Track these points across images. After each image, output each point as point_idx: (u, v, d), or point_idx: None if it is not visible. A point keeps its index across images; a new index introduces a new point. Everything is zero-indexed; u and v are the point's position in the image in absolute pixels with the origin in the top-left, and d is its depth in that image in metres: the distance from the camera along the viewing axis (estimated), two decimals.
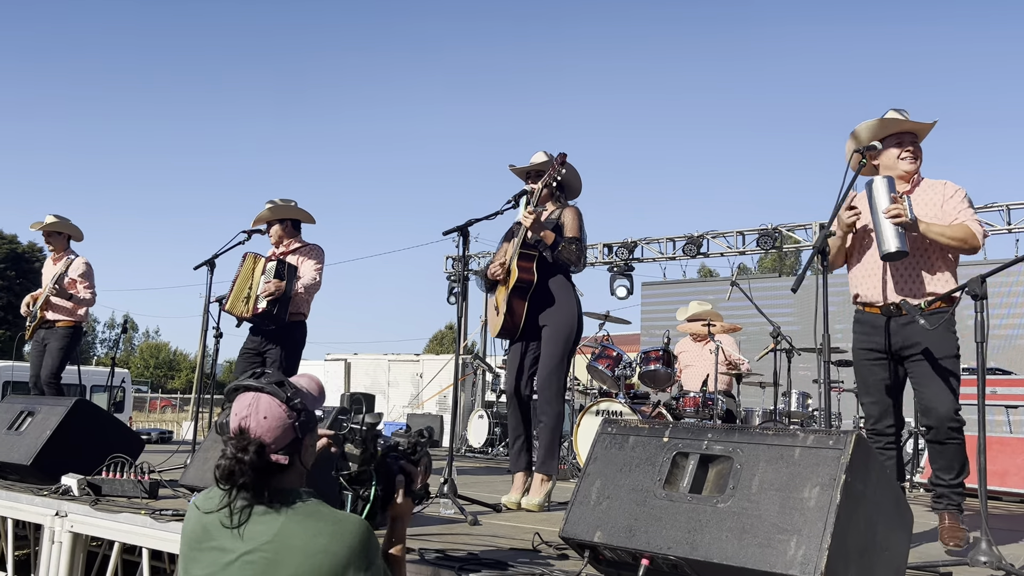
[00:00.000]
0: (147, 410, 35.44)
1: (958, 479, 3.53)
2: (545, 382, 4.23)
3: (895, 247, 3.41)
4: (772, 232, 11.98)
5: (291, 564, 1.74)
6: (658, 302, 12.85)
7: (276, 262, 5.23)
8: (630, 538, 2.34)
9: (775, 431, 2.32)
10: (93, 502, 3.75)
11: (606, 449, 2.60)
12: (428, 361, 16.54)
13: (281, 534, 1.76)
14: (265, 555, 1.75)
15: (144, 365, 57.75)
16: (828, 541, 2.02)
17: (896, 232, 3.43)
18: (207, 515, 1.82)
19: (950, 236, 3.49)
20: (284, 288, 5.16)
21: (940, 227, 3.52)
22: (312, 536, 1.76)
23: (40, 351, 6.46)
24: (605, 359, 7.04)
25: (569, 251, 4.25)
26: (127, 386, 19.00)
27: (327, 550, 1.75)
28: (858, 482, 2.15)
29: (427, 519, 3.73)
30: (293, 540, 1.76)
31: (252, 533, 1.77)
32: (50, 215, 6.63)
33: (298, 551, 1.75)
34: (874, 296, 3.67)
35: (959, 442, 3.48)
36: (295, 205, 5.62)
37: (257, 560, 1.75)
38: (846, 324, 10.78)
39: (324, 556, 1.75)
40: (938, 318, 3.42)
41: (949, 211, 3.58)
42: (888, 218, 3.43)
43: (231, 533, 1.77)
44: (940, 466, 3.55)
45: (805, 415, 7.41)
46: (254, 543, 1.76)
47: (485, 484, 5.76)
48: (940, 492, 3.57)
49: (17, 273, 39.39)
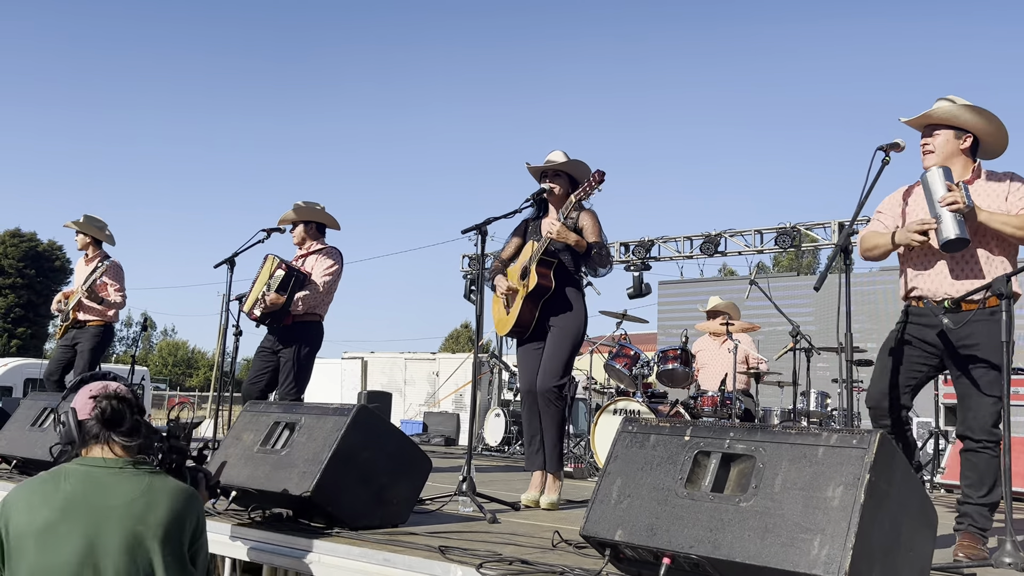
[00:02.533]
0: (166, 408, 35.76)
1: (987, 497, 3.29)
2: (546, 382, 4.26)
3: (955, 234, 3.27)
4: (790, 231, 11.91)
5: (162, 506, 2.19)
6: (675, 301, 12.81)
7: (285, 273, 5.24)
8: (651, 537, 2.33)
9: (798, 430, 2.31)
10: None
11: (627, 448, 2.59)
12: (444, 360, 16.56)
13: (152, 487, 2.22)
14: (145, 498, 2.18)
15: (162, 363, 58.18)
16: (852, 540, 2.01)
17: (955, 219, 3.28)
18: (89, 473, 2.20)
19: (1016, 226, 3.31)
20: (281, 303, 5.20)
21: (1003, 216, 3.33)
22: (173, 489, 2.26)
23: (67, 350, 6.54)
24: (623, 358, 7.03)
25: (601, 257, 4.32)
26: (146, 384, 19.19)
27: (186, 501, 2.25)
28: (882, 481, 2.13)
29: (447, 517, 3.74)
30: (162, 489, 2.23)
31: (130, 484, 2.19)
32: (82, 217, 6.72)
33: (167, 496, 2.22)
34: (934, 290, 3.46)
35: (992, 454, 3.28)
36: (321, 209, 5.66)
37: (137, 503, 2.17)
38: (863, 324, 10.64)
39: (183, 503, 2.24)
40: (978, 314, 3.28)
41: (1014, 202, 3.39)
42: (944, 206, 3.29)
43: (111, 482, 2.18)
44: (970, 480, 3.32)
45: (824, 415, 7.36)
46: (134, 492, 2.18)
47: (503, 482, 5.77)
48: (966, 511, 3.33)
49: (37, 271, 39.82)
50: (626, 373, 6.96)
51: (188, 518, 2.23)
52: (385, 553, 2.83)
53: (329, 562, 2.96)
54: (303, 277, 5.34)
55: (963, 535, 3.30)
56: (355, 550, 2.91)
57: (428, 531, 3.28)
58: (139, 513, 2.14)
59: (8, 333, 38.75)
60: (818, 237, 11.95)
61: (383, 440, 3.49)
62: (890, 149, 3.47)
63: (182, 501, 2.24)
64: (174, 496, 2.22)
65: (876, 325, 10.19)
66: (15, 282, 39.04)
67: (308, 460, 3.32)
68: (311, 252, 5.58)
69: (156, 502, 2.18)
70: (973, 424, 3.30)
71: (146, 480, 2.21)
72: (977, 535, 3.28)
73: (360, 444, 3.38)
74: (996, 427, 3.27)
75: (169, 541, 2.17)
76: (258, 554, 3.19)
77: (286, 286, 5.22)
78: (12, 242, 39.67)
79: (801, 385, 6.86)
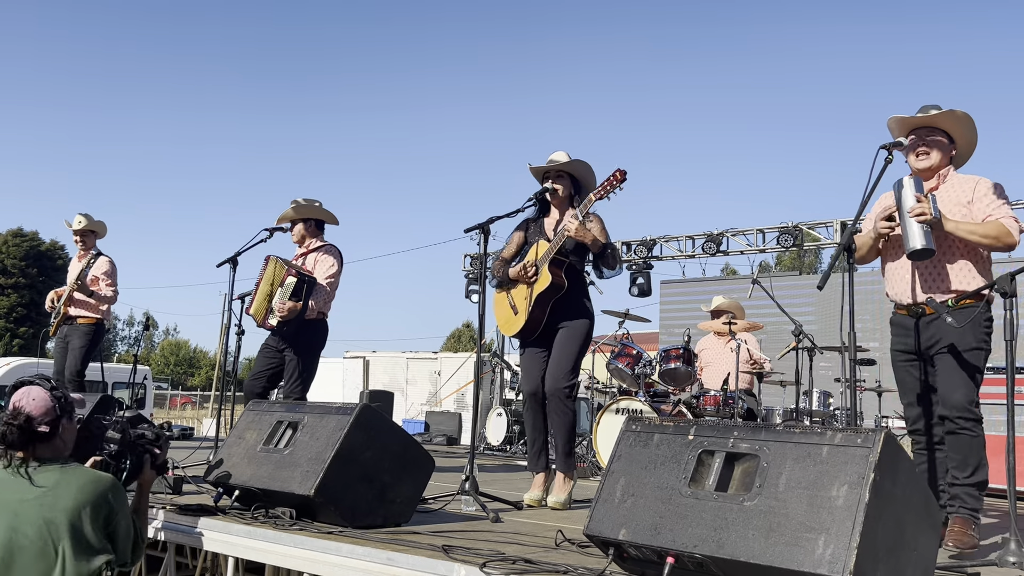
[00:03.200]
0: (167, 407, 35.79)
1: (973, 477, 3.40)
2: (556, 383, 4.24)
3: (920, 244, 3.39)
4: (793, 230, 11.89)
5: (69, 497, 2.58)
6: (677, 300, 12.78)
7: (296, 280, 5.21)
8: (655, 536, 2.33)
9: (802, 429, 2.30)
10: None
11: (630, 447, 2.59)
12: (446, 359, 16.55)
13: (61, 481, 2.61)
14: (54, 491, 2.59)
15: (164, 362, 58.25)
16: (857, 540, 2.01)
17: (922, 230, 3.39)
18: (3, 476, 2.60)
19: (981, 234, 3.42)
20: (298, 310, 5.19)
21: (970, 225, 3.44)
22: (83, 481, 2.64)
23: (63, 348, 6.52)
24: (625, 357, 7.02)
25: (613, 258, 4.34)
26: (148, 383, 19.18)
27: (94, 490, 2.64)
28: (887, 481, 2.13)
29: (449, 516, 3.74)
30: (71, 483, 2.62)
31: (41, 480, 2.60)
32: (80, 215, 6.72)
33: (74, 488, 2.61)
34: (903, 297, 3.65)
35: (973, 435, 3.38)
36: (319, 205, 5.66)
37: (47, 496, 2.58)
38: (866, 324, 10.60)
39: (91, 492, 2.62)
40: (966, 315, 3.37)
41: (981, 208, 3.49)
42: (912, 217, 3.40)
43: (21, 482, 2.58)
44: (955, 462, 3.43)
45: (826, 414, 7.35)
46: (44, 487, 2.58)
47: (505, 482, 5.77)
48: (954, 493, 3.43)
49: (39, 271, 39.84)
50: (628, 372, 6.95)
51: (99, 503, 2.63)
52: (389, 552, 2.82)
53: (332, 561, 2.95)
54: (314, 280, 5.33)
55: (954, 520, 3.39)
56: (359, 549, 2.90)
57: (431, 530, 3.28)
58: (50, 503, 2.57)
59: (10, 333, 38.78)
60: (820, 236, 11.93)
61: (386, 439, 3.49)
62: (893, 148, 3.52)
63: (90, 489, 2.63)
64: (82, 486, 2.63)
65: (879, 324, 10.18)
66: (17, 281, 39.07)
67: (311, 459, 3.32)
68: (311, 250, 5.59)
69: (64, 494, 2.59)
70: (950, 404, 3.40)
71: (56, 475, 2.63)
72: (968, 518, 3.37)
73: (363, 443, 3.38)
74: (972, 406, 3.39)
75: (79, 526, 2.58)
76: (260, 553, 3.19)
77: (299, 293, 5.20)
78: (15, 241, 39.71)
79: (804, 384, 6.85)
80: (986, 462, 3.43)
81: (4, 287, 38.96)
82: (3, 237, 39.63)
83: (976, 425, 3.39)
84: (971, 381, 3.41)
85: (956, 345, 3.44)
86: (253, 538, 3.22)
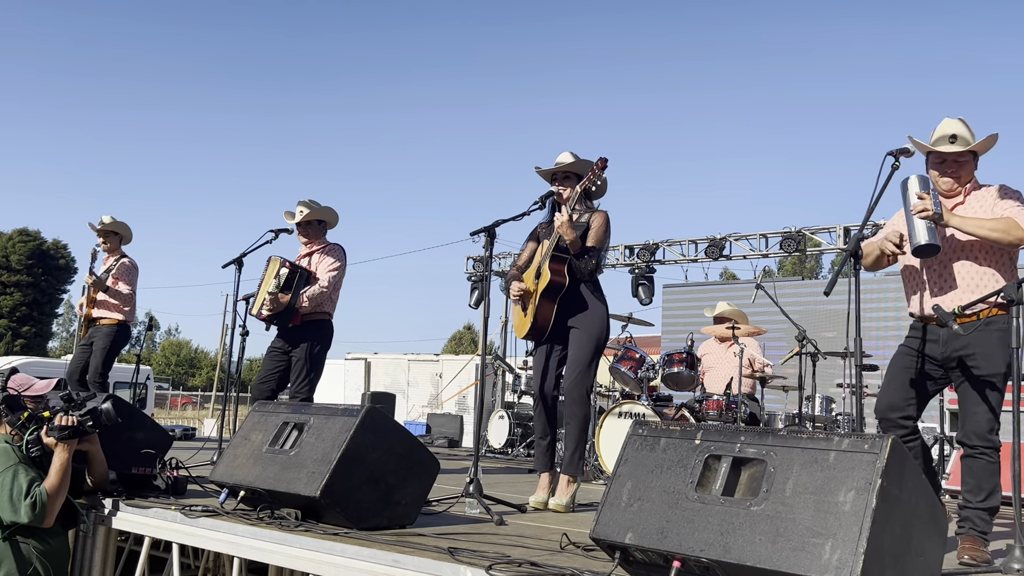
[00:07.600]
0: (168, 407, 35.78)
1: (986, 502, 3.32)
2: (573, 384, 4.23)
3: (924, 240, 3.33)
4: (795, 235, 11.90)
5: None
6: (680, 305, 12.80)
7: (289, 271, 5.26)
8: (662, 540, 2.34)
9: (809, 434, 2.31)
10: (125, 497, 3.79)
11: (637, 451, 2.60)
12: (448, 361, 16.56)
13: None
14: None
15: (165, 362, 58.27)
16: (864, 545, 2.02)
17: (926, 226, 3.34)
18: None
19: (990, 228, 3.31)
20: (286, 302, 5.22)
21: (977, 220, 3.34)
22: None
23: (85, 349, 6.60)
24: (628, 361, 7.03)
25: (582, 265, 4.25)
26: (150, 383, 19.19)
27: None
28: (894, 486, 2.13)
29: (454, 518, 3.74)
30: None
31: None
32: (106, 216, 6.79)
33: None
34: (914, 306, 3.56)
35: (989, 460, 3.31)
36: (323, 206, 5.68)
37: None
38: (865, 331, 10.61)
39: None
40: (974, 325, 3.31)
41: (998, 208, 3.41)
42: (915, 214, 3.36)
43: None
44: (969, 486, 3.36)
45: (828, 419, 7.35)
46: None
47: (508, 484, 5.77)
48: (966, 515, 3.35)
49: (42, 270, 39.87)
50: (631, 376, 6.96)
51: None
52: (394, 554, 2.83)
53: (338, 563, 2.96)
54: (307, 274, 5.36)
55: (964, 538, 3.34)
56: (364, 551, 2.91)
57: (436, 532, 3.29)
58: None
59: (13, 332, 38.80)
60: (822, 241, 11.94)
61: (392, 441, 3.49)
62: (900, 155, 3.49)
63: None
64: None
65: (882, 332, 10.17)
66: (20, 280, 39.09)
67: (317, 460, 3.33)
68: (314, 251, 5.61)
69: None
70: (970, 431, 3.35)
71: None
72: (978, 538, 3.32)
73: (369, 445, 3.39)
74: (992, 434, 3.32)
75: None
76: (266, 554, 3.20)
77: (291, 284, 5.23)
78: (19, 239, 39.73)
79: (806, 389, 6.85)
80: (1000, 488, 3.34)
81: (7, 286, 38.99)
82: (7, 236, 39.66)
83: (995, 452, 3.32)
84: (996, 409, 3.32)
85: (982, 366, 3.32)
86: (258, 539, 3.23)
